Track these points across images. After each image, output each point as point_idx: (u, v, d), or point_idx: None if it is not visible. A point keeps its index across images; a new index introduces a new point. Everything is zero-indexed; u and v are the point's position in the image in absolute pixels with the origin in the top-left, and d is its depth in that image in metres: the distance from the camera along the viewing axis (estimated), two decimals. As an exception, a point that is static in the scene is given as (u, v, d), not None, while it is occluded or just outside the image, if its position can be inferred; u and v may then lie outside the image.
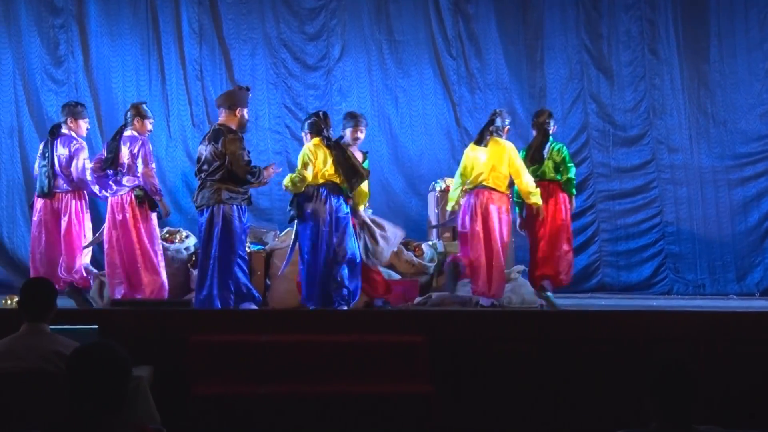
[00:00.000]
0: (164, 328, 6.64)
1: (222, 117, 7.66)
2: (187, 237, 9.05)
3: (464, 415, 6.49)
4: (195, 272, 8.58)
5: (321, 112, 8.10)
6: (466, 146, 10.97)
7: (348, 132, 7.93)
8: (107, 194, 8.08)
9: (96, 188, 8.17)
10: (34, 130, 10.65)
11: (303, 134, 8.09)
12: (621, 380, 6.32)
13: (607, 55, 11.54)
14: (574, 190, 8.50)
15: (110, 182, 8.04)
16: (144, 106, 8.27)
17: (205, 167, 7.51)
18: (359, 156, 7.97)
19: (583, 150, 11.42)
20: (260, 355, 6.37)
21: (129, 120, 8.11)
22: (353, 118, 8.03)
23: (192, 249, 8.93)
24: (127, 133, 8.06)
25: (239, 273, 7.54)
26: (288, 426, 5.92)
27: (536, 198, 8.10)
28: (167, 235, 8.99)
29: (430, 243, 9.41)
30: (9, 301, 7.86)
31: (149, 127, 8.22)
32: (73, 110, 8.43)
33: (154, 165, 8.20)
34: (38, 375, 4.39)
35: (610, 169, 11.39)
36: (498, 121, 8.29)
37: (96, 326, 5.76)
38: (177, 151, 10.91)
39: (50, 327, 4.72)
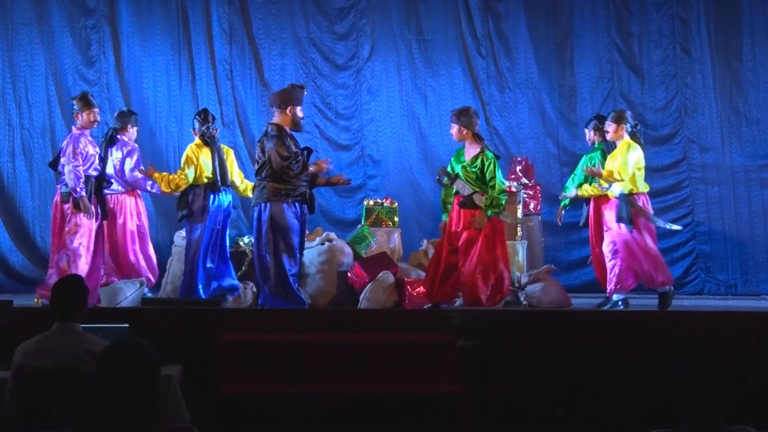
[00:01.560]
0: (194, 326, 6.67)
1: (275, 116, 7.75)
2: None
3: (493, 414, 6.47)
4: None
5: (202, 111, 8.51)
6: (494, 146, 11.04)
7: None
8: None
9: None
10: (66, 129, 10.72)
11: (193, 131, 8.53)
12: (651, 380, 6.28)
13: (638, 54, 11.47)
14: None
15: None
16: (89, 95, 8.18)
17: (256, 166, 7.66)
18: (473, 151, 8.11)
19: (613, 150, 11.35)
20: (289, 354, 6.38)
21: (76, 114, 8.03)
22: None
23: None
24: (73, 128, 8.04)
25: (289, 271, 7.58)
26: (316, 425, 5.93)
27: None
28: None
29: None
30: (41, 300, 7.92)
31: (95, 117, 8.10)
32: (127, 118, 8.83)
33: (78, 162, 7.86)
34: (70, 373, 4.43)
35: (641, 168, 11.30)
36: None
37: (126, 325, 5.81)
38: (207, 151, 10.95)
39: (83, 325, 4.76)
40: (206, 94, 11.05)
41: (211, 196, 8.22)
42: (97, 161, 8.07)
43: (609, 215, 8.35)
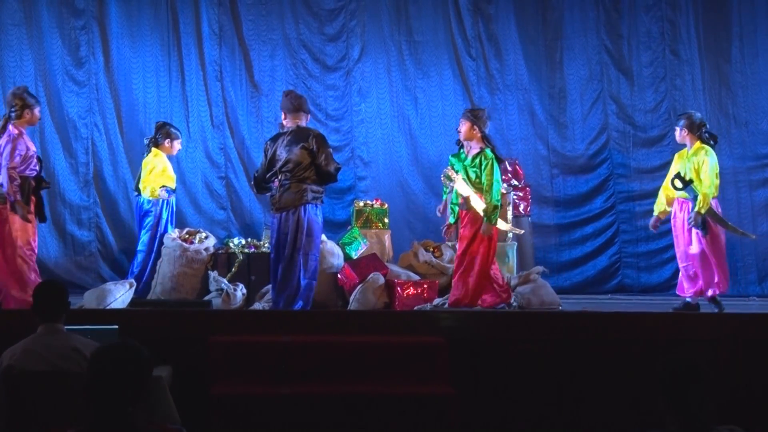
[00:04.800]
0: (184, 328, 6.66)
1: (301, 120, 7.95)
2: (206, 238, 9.07)
3: (484, 416, 6.48)
4: (213, 273, 8.65)
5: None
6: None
7: None
8: None
9: None
10: (55, 131, 10.71)
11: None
12: (641, 382, 6.28)
13: (628, 56, 11.49)
14: None
15: None
16: (26, 93, 7.89)
17: (288, 167, 7.69)
18: (475, 150, 8.07)
19: (603, 151, 11.39)
20: (279, 355, 6.37)
21: (14, 111, 7.74)
22: None
23: (211, 249, 8.97)
24: (10, 127, 7.71)
25: (315, 272, 7.82)
26: (307, 426, 5.92)
27: None
28: (186, 236, 9.01)
29: (449, 244, 9.40)
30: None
31: (38, 115, 7.95)
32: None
33: (16, 162, 7.61)
34: (59, 374, 4.43)
35: (630, 170, 11.34)
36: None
37: (116, 326, 5.80)
38: (197, 152, 10.93)
39: (72, 327, 4.76)
40: (196, 96, 11.03)
41: None
42: (35, 161, 7.86)
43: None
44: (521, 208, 10.36)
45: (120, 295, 8.14)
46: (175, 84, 11.03)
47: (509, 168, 10.52)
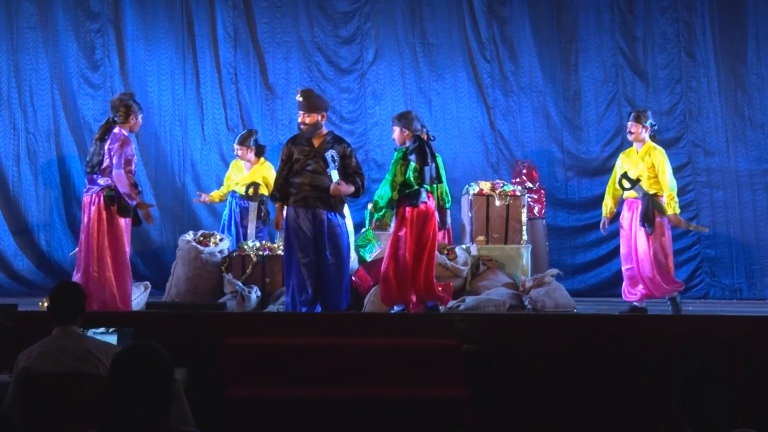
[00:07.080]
0: (198, 330, 6.67)
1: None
2: (221, 240, 9.09)
3: (498, 418, 6.47)
4: (228, 275, 8.66)
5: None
6: (500, 149, 11.04)
7: None
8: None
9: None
10: (71, 133, 10.75)
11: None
12: (656, 385, 6.27)
13: (643, 58, 11.46)
14: None
15: (88, 182, 7.75)
16: (132, 100, 7.83)
17: None
18: None
19: (618, 153, 11.32)
20: (294, 357, 6.38)
21: (118, 116, 7.68)
22: None
23: (226, 252, 8.98)
24: (115, 130, 7.68)
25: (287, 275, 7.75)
26: (320, 429, 5.92)
27: None
28: (201, 238, 9.03)
29: (463, 246, 9.39)
30: (46, 304, 7.91)
31: (141, 121, 7.95)
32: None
33: (133, 167, 7.73)
34: (75, 376, 4.44)
35: (645, 172, 11.29)
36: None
37: (132, 329, 5.81)
38: (211, 155, 10.96)
39: (88, 329, 4.78)
40: (211, 98, 11.06)
41: None
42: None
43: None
44: (536, 210, 10.33)
45: (135, 297, 8.15)
46: (190, 87, 11.06)
47: (524, 170, 10.51)
